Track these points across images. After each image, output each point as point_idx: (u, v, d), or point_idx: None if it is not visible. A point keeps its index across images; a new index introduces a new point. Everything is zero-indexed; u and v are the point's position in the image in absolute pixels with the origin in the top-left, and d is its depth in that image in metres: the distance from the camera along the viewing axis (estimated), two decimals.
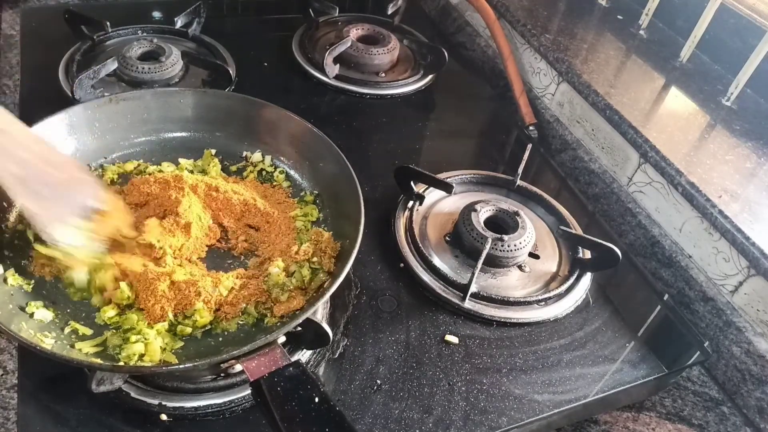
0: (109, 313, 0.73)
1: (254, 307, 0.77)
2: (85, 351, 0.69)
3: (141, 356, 0.69)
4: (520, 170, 1.07)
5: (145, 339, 0.70)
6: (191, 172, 0.93)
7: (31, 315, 0.71)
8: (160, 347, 0.71)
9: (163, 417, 0.71)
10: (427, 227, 1.00)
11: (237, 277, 0.79)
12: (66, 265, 0.76)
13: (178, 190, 0.85)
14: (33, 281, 0.75)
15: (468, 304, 0.88)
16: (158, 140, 0.96)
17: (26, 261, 0.77)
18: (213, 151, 0.97)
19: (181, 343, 0.73)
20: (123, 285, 0.74)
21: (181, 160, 0.95)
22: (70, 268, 0.75)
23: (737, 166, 0.99)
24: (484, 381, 0.81)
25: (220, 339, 0.75)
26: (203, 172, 0.94)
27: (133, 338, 0.70)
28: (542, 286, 0.94)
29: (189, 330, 0.73)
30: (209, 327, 0.75)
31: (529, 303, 0.90)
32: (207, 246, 0.85)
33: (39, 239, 0.75)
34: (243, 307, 0.76)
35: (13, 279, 0.74)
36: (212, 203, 0.87)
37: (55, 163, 0.75)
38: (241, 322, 0.76)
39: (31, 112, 0.92)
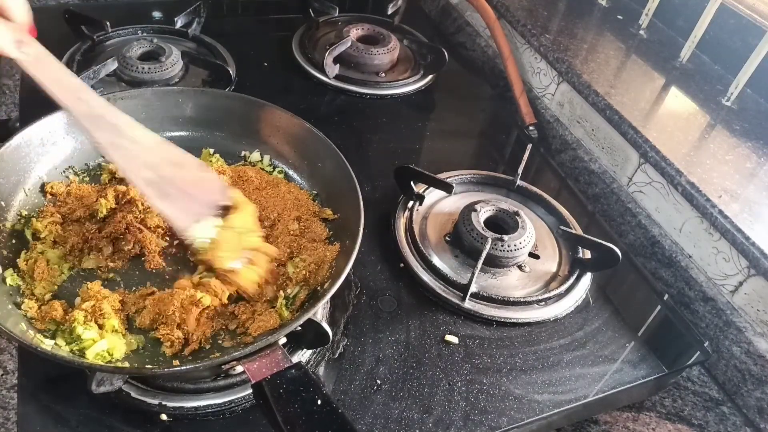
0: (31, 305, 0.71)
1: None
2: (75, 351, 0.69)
3: (110, 353, 0.69)
4: (520, 170, 1.07)
5: (93, 339, 0.69)
6: None
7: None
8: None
9: (163, 417, 0.71)
10: (427, 227, 1.00)
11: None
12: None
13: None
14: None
15: (468, 304, 0.88)
16: None
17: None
18: (211, 150, 0.97)
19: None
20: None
21: None
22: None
23: (737, 166, 0.99)
24: (484, 381, 0.81)
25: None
26: None
27: (86, 335, 0.68)
28: (542, 286, 0.94)
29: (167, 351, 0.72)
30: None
31: (529, 303, 0.90)
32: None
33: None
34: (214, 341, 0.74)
35: (11, 279, 0.74)
36: None
37: (180, 164, 0.77)
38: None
39: (30, 112, 0.91)
